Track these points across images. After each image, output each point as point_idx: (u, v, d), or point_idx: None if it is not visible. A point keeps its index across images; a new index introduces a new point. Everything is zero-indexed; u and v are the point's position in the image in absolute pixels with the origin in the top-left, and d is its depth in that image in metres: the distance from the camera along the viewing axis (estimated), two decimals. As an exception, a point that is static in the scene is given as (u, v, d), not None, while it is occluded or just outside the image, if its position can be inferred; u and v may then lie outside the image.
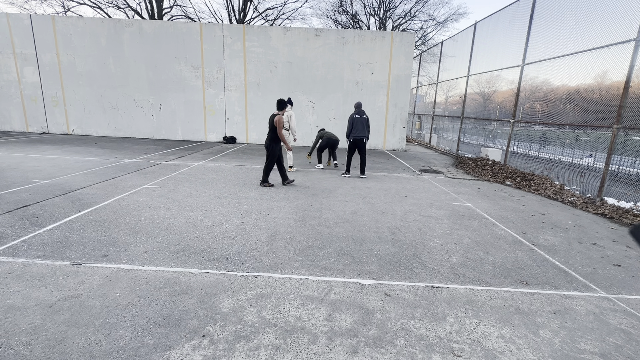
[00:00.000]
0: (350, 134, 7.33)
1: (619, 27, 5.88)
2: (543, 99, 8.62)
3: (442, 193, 6.42)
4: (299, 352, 2.09)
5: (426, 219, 4.82)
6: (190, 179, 6.56)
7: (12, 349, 1.99)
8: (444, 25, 27.43)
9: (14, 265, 2.98)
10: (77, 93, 13.06)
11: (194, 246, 3.54)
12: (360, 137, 7.28)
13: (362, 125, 7.27)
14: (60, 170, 6.82)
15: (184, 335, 2.19)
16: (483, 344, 2.24)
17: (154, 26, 12.52)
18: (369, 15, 26.54)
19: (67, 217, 4.21)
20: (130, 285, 2.75)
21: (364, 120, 7.29)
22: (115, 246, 3.46)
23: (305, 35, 12.38)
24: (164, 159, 8.77)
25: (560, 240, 4.25)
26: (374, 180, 7.31)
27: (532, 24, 8.32)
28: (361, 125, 7.27)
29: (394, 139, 13.18)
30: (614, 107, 5.99)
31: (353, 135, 7.29)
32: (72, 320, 2.28)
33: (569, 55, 7.12)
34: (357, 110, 7.36)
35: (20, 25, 12.51)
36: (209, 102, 12.98)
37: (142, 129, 13.35)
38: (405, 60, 12.51)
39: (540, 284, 3.12)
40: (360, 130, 7.27)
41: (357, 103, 7.42)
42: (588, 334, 2.41)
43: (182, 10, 24.55)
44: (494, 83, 10.76)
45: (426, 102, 17.99)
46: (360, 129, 7.26)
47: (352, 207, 5.17)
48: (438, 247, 3.82)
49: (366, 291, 2.84)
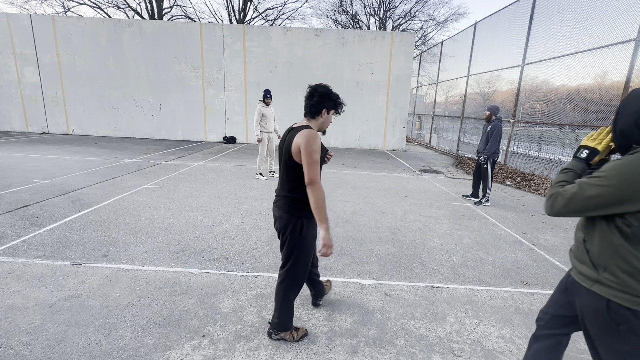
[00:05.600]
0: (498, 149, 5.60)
1: (619, 27, 5.88)
2: (543, 99, 8.62)
3: (442, 193, 6.42)
4: (299, 352, 2.09)
5: (426, 219, 4.82)
6: (190, 179, 6.56)
7: (12, 349, 1.99)
8: (444, 25, 27.46)
9: (14, 265, 2.98)
10: (77, 93, 13.05)
11: (194, 246, 3.54)
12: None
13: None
14: (60, 170, 6.82)
15: (184, 335, 2.19)
16: (483, 344, 2.24)
17: (154, 26, 12.51)
18: (369, 15, 26.54)
19: (67, 217, 4.21)
20: (130, 285, 2.75)
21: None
22: (115, 246, 3.46)
23: (305, 35, 12.38)
24: (164, 159, 8.77)
25: (560, 240, 4.25)
26: (374, 180, 7.31)
27: (532, 24, 8.32)
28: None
29: (394, 139, 13.18)
30: (614, 107, 5.99)
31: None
32: (72, 320, 2.28)
33: (569, 55, 7.12)
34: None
35: (20, 25, 12.51)
36: (209, 102, 12.98)
37: (142, 129, 13.35)
38: (405, 60, 12.51)
39: (540, 284, 3.12)
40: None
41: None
42: (588, 334, 2.41)
43: (182, 10, 24.55)
44: (494, 83, 10.77)
45: (426, 102, 17.98)
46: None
47: (352, 207, 5.17)
48: (438, 247, 3.82)
49: (366, 291, 2.84)
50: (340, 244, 3.79)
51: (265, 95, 6.54)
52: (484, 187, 5.73)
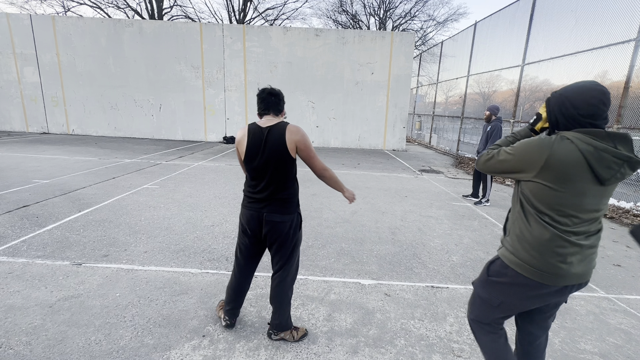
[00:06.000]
0: None
1: (619, 27, 5.88)
2: (543, 99, 8.61)
3: (442, 193, 6.42)
4: (299, 352, 2.09)
5: (426, 219, 4.82)
6: (190, 179, 6.56)
7: (12, 349, 1.99)
8: (444, 25, 27.42)
9: (14, 265, 2.98)
10: (77, 93, 13.05)
11: (194, 246, 3.54)
12: None
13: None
14: (60, 170, 6.82)
15: (184, 335, 2.19)
16: (483, 344, 2.24)
17: (154, 26, 12.51)
18: (369, 15, 26.53)
19: (67, 217, 4.21)
20: (130, 285, 2.75)
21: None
22: (115, 246, 3.46)
23: (305, 35, 12.38)
24: (164, 159, 8.77)
25: (560, 240, 4.24)
26: (374, 180, 7.31)
27: (532, 24, 8.32)
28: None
29: (394, 139, 13.17)
30: (614, 107, 5.99)
31: None
32: (72, 320, 2.28)
33: (569, 55, 7.12)
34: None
35: (20, 25, 12.51)
36: (209, 102, 12.98)
37: (142, 129, 13.35)
38: (405, 60, 12.51)
39: (540, 284, 3.11)
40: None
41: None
42: (588, 334, 2.41)
43: (182, 10, 24.54)
44: (494, 83, 10.77)
45: (426, 102, 17.98)
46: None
47: (352, 207, 5.17)
48: (438, 247, 3.82)
49: (366, 291, 2.84)
50: (340, 244, 3.79)
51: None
52: (484, 187, 5.73)
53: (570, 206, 1.26)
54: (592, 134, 1.22)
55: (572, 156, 1.22)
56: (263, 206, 1.97)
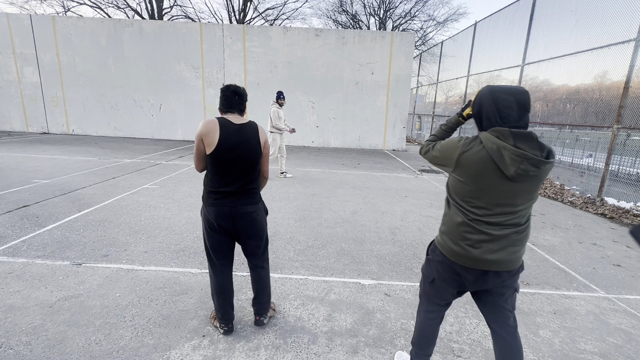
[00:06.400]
0: None
1: (619, 27, 5.88)
2: (543, 99, 8.62)
3: (442, 193, 6.42)
4: (299, 352, 2.09)
5: (426, 219, 4.82)
6: (190, 179, 6.56)
7: (12, 349, 1.99)
8: (444, 25, 27.42)
9: (14, 265, 2.98)
10: (77, 93, 13.05)
11: (194, 246, 3.54)
12: None
13: None
14: (60, 170, 6.82)
15: (184, 335, 2.19)
16: (483, 344, 2.24)
17: (154, 26, 12.51)
18: (369, 15, 26.53)
19: (67, 217, 4.21)
20: (130, 285, 2.75)
21: None
22: (115, 246, 3.46)
23: (305, 35, 12.38)
24: (164, 159, 8.77)
25: (560, 240, 4.25)
26: (374, 180, 7.31)
27: (532, 24, 8.32)
28: None
29: (394, 139, 13.17)
30: (614, 107, 5.99)
31: None
32: (72, 320, 2.28)
33: (569, 55, 7.12)
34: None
35: (20, 25, 12.51)
36: (209, 102, 12.97)
37: (142, 129, 13.35)
38: (405, 60, 12.51)
39: (540, 284, 3.12)
40: None
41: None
42: (588, 334, 2.41)
43: (182, 10, 24.54)
44: (494, 83, 10.76)
45: (426, 102, 17.98)
46: None
47: (352, 207, 5.17)
48: (438, 247, 3.82)
49: (366, 291, 2.84)
50: (340, 244, 3.79)
51: (279, 96, 6.69)
52: None
53: (479, 198, 1.41)
54: (498, 132, 1.35)
55: (479, 155, 1.37)
56: (233, 200, 2.00)
